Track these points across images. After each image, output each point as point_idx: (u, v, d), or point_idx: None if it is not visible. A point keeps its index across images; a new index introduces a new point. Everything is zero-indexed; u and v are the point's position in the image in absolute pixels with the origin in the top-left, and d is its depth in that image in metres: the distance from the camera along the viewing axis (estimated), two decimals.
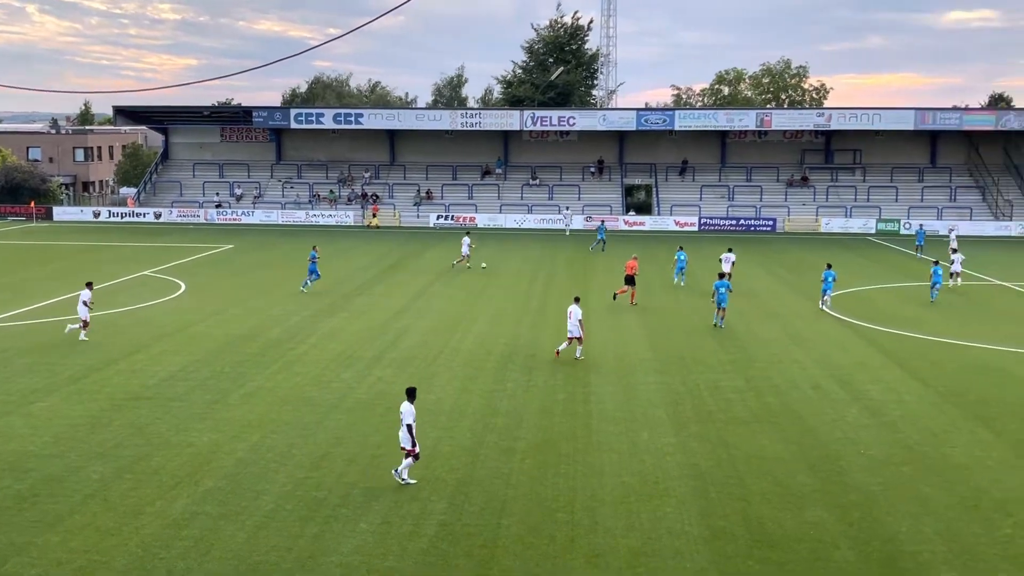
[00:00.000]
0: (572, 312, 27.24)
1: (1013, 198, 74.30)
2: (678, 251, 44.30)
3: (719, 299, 32.35)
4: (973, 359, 27.84)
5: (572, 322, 27.09)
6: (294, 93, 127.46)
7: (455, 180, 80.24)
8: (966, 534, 15.31)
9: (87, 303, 29.92)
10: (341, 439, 19.92)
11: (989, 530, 15.48)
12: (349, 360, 27.03)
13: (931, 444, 19.89)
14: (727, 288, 32.57)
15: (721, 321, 32.44)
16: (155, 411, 21.86)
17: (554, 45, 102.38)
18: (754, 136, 79.70)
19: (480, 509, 16.22)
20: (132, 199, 79.89)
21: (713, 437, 20.25)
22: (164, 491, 16.94)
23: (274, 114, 79.23)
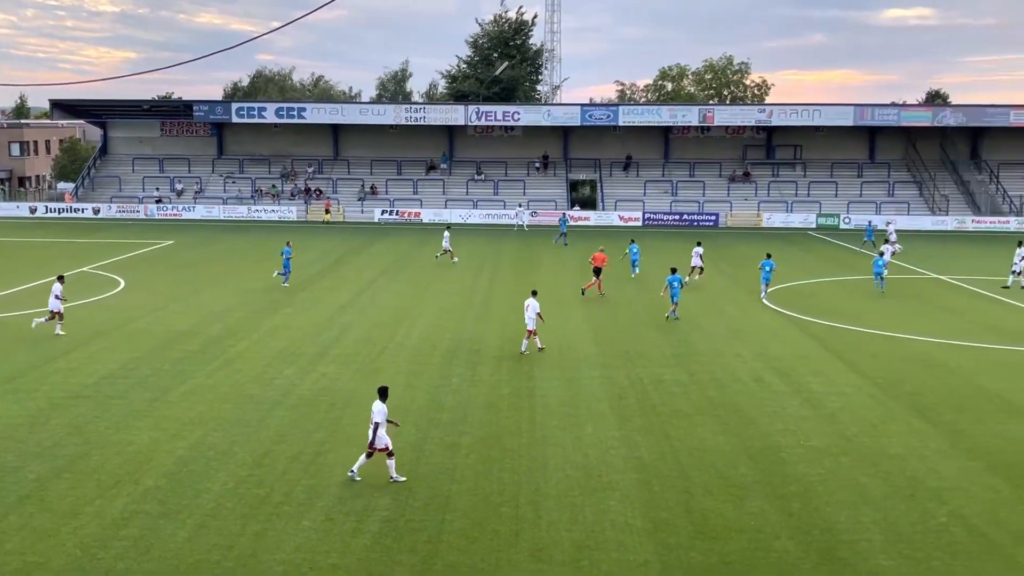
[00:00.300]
0: (529, 305, 27.41)
1: (949, 193, 75.82)
2: (631, 244, 44.59)
3: (672, 293, 32.63)
4: (909, 351, 28.37)
5: (529, 315, 27.24)
6: (236, 87, 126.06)
7: (400, 175, 79.92)
8: (902, 523, 15.60)
9: (59, 296, 29.69)
10: (284, 436, 19.75)
11: (924, 518, 15.79)
12: (292, 356, 26.81)
13: (869, 435, 20.24)
14: (680, 282, 32.86)
15: (674, 314, 32.79)
16: (94, 409, 21.51)
17: (499, 40, 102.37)
18: (697, 132, 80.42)
19: (424, 505, 16.19)
20: (70, 194, 78.39)
21: (656, 430, 20.42)
22: (103, 490, 16.67)
23: (215, 108, 78.22)
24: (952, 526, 15.50)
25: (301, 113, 77.22)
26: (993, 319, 33.79)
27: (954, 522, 15.65)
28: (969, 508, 16.21)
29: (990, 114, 74.88)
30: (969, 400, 22.96)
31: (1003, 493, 16.92)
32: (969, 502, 16.48)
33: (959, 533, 15.21)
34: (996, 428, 20.75)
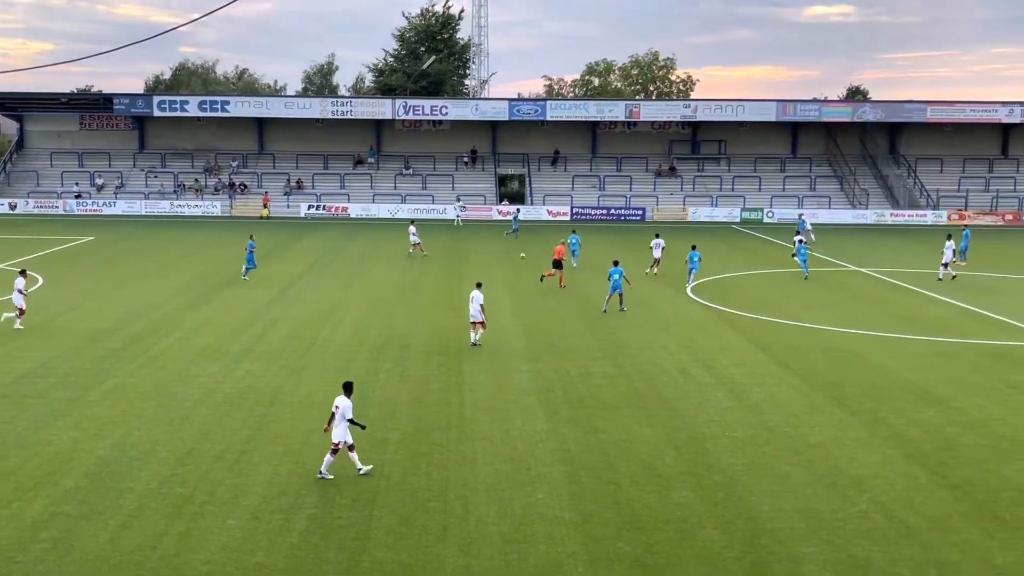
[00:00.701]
0: (474, 298, 27.50)
1: (869, 187, 77.55)
2: (571, 235, 45.43)
3: (613, 285, 33.02)
4: (830, 342, 28.96)
5: (474, 307, 27.36)
6: (157, 80, 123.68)
7: (326, 169, 79.23)
8: (824, 510, 15.92)
9: (22, 291, 29.42)
10: (208, 435, 19.46)
11: (845, 506, 16.13)
12: (216, 354, 26.43)
13: (791, 425, 20.61)
14: (621, 275, 33.23)
15: (618, 305, 33.33)
16: (11, 409, 20.96)
17: (426, 34, 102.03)
18: (623, 127, 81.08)
19: (351, 501, 16.09)
20: None
21: (584, 423, 20.55)
22: (21, 492, 16.26)
23: (136, 101, 76.76)
24: (871, 513, 15.86)
25: (225, 107, 76.16)
26: (910, 311, 34.65)
27: (873, 509, 16.02)
28: (888, 495, 16.61)
29: (908, 110, 76.79)
30: (887, 390, 23.51)
31: (920, 480, 17.36)
32: (888, 489, 16.88)
33: (878, 519, 15.57)
34: (913, 417, 21.28)
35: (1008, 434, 20.10)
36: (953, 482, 17.25)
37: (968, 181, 78.08)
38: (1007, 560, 14.12)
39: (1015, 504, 16.23)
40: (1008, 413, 21.62)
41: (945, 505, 16.18)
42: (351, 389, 17.50)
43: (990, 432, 20.23)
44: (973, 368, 25.90)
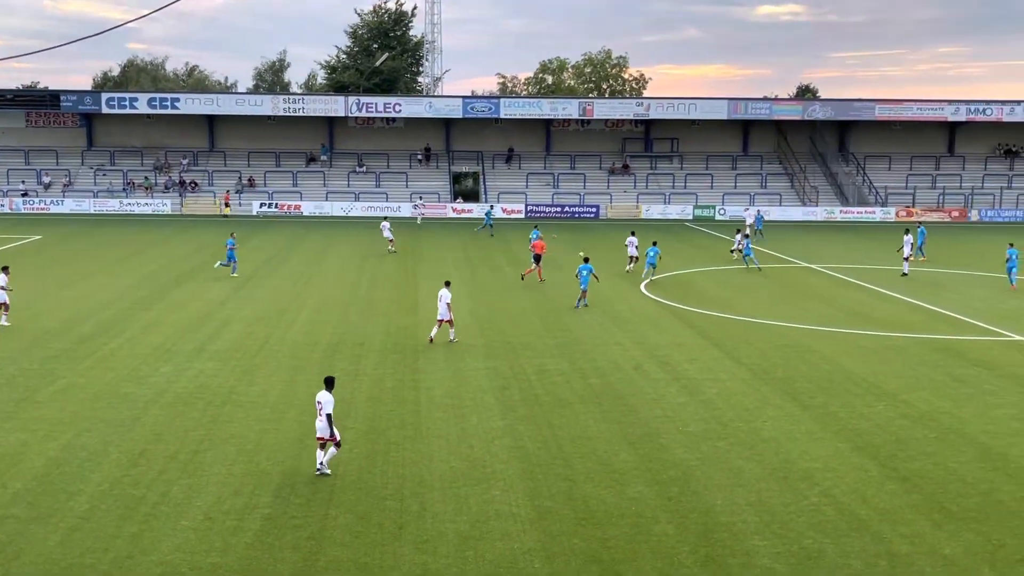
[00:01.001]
0: (442, 296, 27.47)
1: (818, 185, 78.55)
2: (534, 229, 45.89)
3: (582, 282, 33.42)
4: (781, 338, 29.29)
5: (441, 306, 27.35)
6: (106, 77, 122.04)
7: (278, 167, 78.65)
8: (776, 504, 16.11)
9: (4, 287, 29.40)
10: (160, 435, 19.24)
11: (797, 499, 16.33)
12: (168, 354, 26.13)
13: (744, 419, 20.82)
14: (589, 271, 33.58)
15: (580, 303, 33.60)
16: None
17: (378, 31, 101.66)
18: (577, 125, 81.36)
19: (307, 501, 15.99)
20: None
21: (540, 419, 20.60)
22: None
23: (84, 98, 75.62)
24: (823, 505, 16.07)
25: (175, 104, 75.28)
26: (860, 306, 35.15)
27: (825, 501, 16.24)
28: (838, 488, 16.84)
29: (857, 108, 77.89)
30: (838, 384, 23.84)
31: (870, 472, 17.62)
32: (839, 482, 17.12)
33: (829, 512, 15.78)
34: (863, 410, 21.59)
35: (955, 427, 20.47)
36: (903, 474, 17.54)
37: (915, 178, 79.36)
38: (955, 550, 14.38)
39: (962, 495, 16.54)
40: (955, 406, 22.02)
41: (895, 497, 16.44)
42: (332, 384, 17.47)
43: (938, 425, 20.59)
44: (921, 362, 26.33)
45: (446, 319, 27.56)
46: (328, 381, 17.52)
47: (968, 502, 16.25)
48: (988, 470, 17.81)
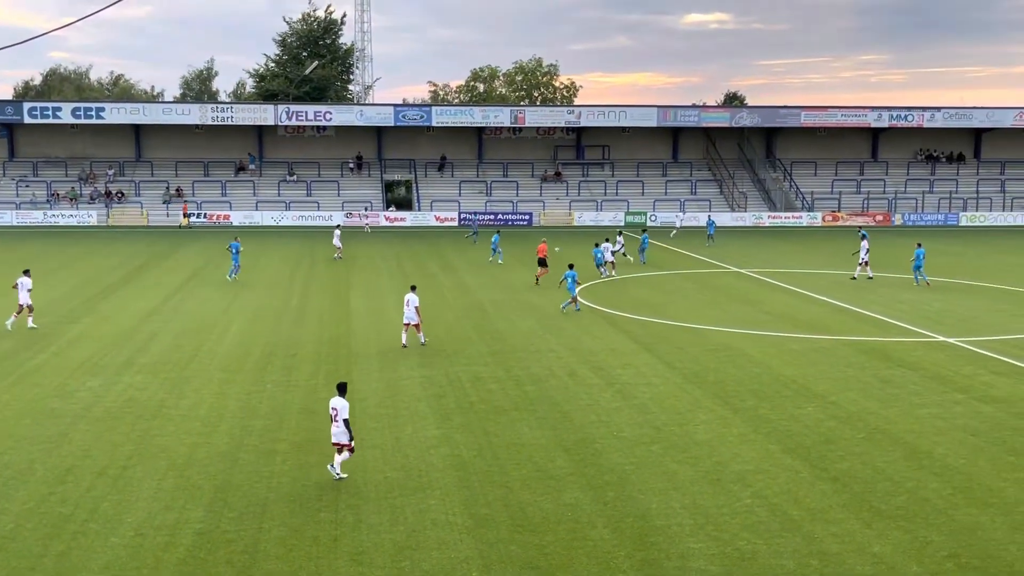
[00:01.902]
0: (409, 300, 27.93)
1: (747, 191, 79.76)
2: (495, 235, 48.97)
3: (569, 288, 34.02)
4: (712, 342, 29.65)
5: (410, 310, 27.83)
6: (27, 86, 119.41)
7: (207, 177, 77.62)
8: (710, 506, 16.29)
9: (30, 289, 30.69)
10: (88, 451, 18.83)
11: (730, 501, 16.53)
12: (95, 368, 25.60)
13: (677, 423, 21.03)
14: (574, 278, 34.09)
15: (567, 306, 34.27)
16: None
17: (308, 39, 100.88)
18: (509, 133, 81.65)
19: (239, 515, 15.77)
20: None
21: (475, 427, 20.58)
22: None
23: (5, 108, 73.90)
24: (756, 507, 16.29)
25: (100, 113, 73.87)
26: (788, 309, 35.74)
27: (757, 503, 16.46)
28: (770, 489, 17.08)
29: (783, 115, 79.28)
30: (768, 387, 24.20)
31: (801, 473, 17.91)
32: (770, 483, 17.37)
33: (762, 513, 16.00)
34: (793, 412, 21.95)
35: (882, 427, 20.90)
36: (832, 475, 17.85)
37: (841, 183, 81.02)
38: (884, 548, 14.67)
39: (890, 494, 16.89)
40: (881, 406, 22.49)
41: (825, 497, 16.72)
42: (345, 390, 17.77)
43: (866, 425, 21.00)
44: (848, 364, 26.85)
45: (414, 323, 27.96)
46: (341, 387, 17.81)
47: (896, 500, 16.59)
48: (914, 468, 18.22)
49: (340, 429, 17.31)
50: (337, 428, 17.36)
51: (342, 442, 17.36)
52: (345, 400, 17.51)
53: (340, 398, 17.51)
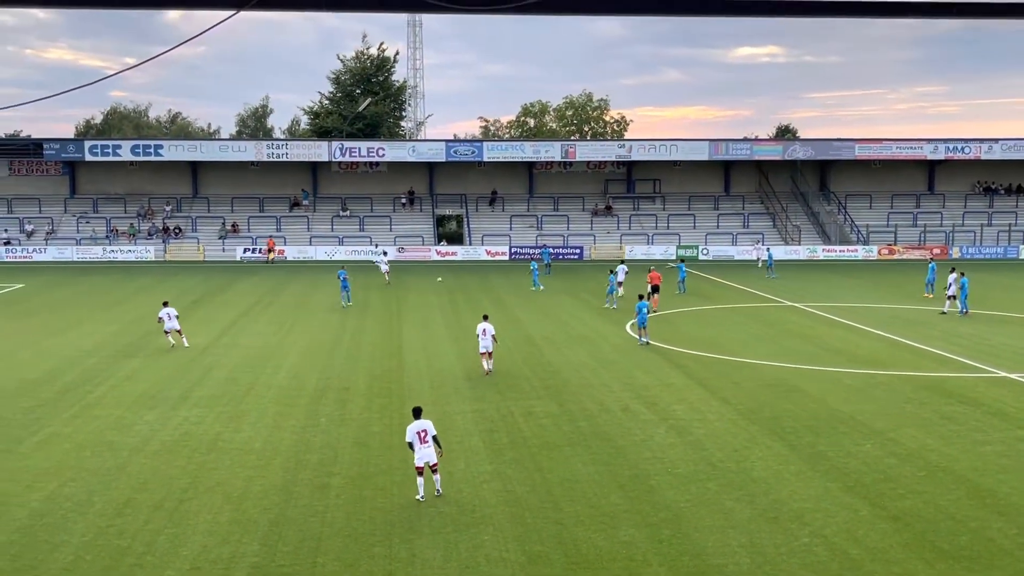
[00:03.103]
0: (486, 330, 29.11)
1: (800, 224, 79.05)
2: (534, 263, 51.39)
3: (641, 319, 34.25)
4: (767, 377, 29.30)
5: (487, 339, 29.00)
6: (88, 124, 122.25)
7: (262, 212, 78.71)
8: (767, 545, 16.03)
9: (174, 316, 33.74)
10: (145, 484, 19.04)
11: (788, 540, 16.26)
12: (152, 401, 25.94)
13: (733, 460, 20.77)
14: (647, 308, 34.56)
15: (644, 339, 34.43)
16: None
17: (361, 76, 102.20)
18: (560, 167, 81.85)
19: (294, 549, 15.83)
20: None
21: (528, 463, 20.49)
22: None
23: (67, 146, 75.62)
24: (814, 546, 16.00)
25: (158, 151, 75.34)
26: (844, 344, 35.23)
27: (816, 542, 16.17)
28: (829, 528, 16.78)
29: (836, 148, 78.62)
30: (825, 423, 23.83)
31: (861, 512, 17.58)
32: (829, 522, 17.06)
33: (821, 552, 15.72)
34: (851, 449, 21.58)
35: (943, 464, 20.47)
36: (893, 513, 17.50)
37: (896, 216, 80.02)
38: None
39: (953, 534, 16.51)
40: (943, 443, 22.04)
41: (886, 536, 16.39)
42: (421, 412, 18.71)
43: (926, 463, 20.59)
44: (907, 400, 26.37)
45: (490, 351, 29.12)
46: (417, 410, 18.68)
47: (959, 540, 16.21)
48: (978, 507, 17.80)
49: (432, 449, 17.98)
50: (428, 449, 17.96)
51: (435, 462, 17.98)
52: (422, 422, 18.21)
53: (424, 420, 18.27)
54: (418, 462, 18.02)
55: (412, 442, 18.02)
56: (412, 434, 18.03)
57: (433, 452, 18.06)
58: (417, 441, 17.96)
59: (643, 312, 34.41)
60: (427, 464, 18.03)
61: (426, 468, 18.04)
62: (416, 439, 17.97)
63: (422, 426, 18.13)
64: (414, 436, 18.00)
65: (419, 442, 17.95)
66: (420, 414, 18.55)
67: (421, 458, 17.98)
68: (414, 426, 18.14)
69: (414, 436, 18.00)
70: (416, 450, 17.99)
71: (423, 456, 17.98)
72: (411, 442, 18.03)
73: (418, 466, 18.03)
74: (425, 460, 17.99)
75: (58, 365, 30.78)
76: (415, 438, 17.98)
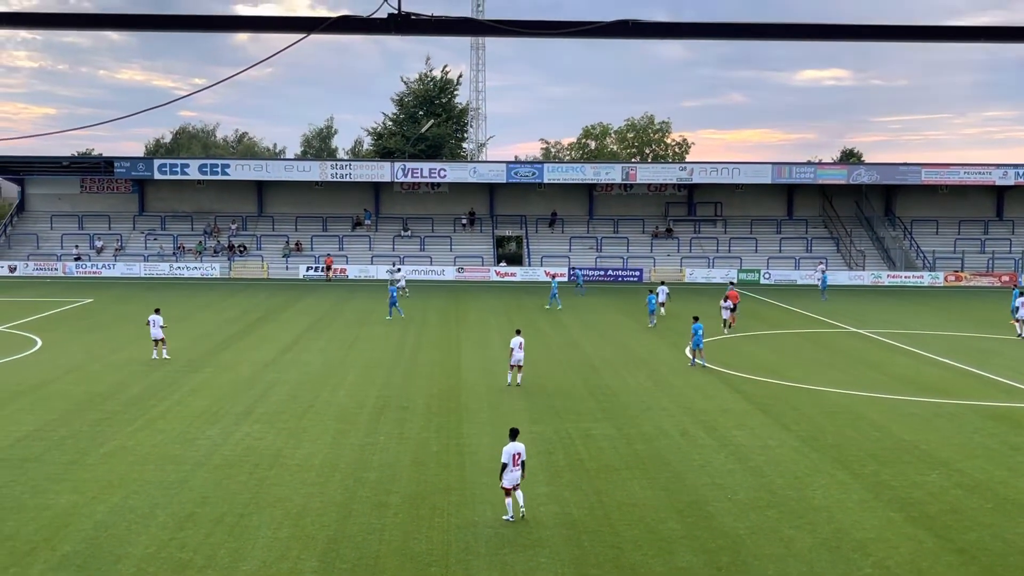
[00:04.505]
0: (520, 343, 30.48)
1: (865, 249, 77.93)
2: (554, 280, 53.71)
3: (696, 341, 34.42)
4: (830, 404, 28.88)
5: (520, 352, 30.37)
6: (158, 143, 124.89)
7: (325, 231, 79.65)
8: (828, 574, 15.77)
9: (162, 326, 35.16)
10: (207, 498, 19.32)
11: (850, 570, 15.98)
12: (215, 416, 26.32)
13: (794, 487, 20.49)
14: (701, 330, 34.56)
15: (700, 360, 34.66)
16: (9, 473, 20.81)
17: (424, 98, 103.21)
18: (620, 189, 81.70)
19: (352, 566, 15.93)
20: None
21: (585, 486, 20.42)
22: (18, 557, 16.08)
23: (137, 164, 77.34)
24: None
25: (225, 170, 76.68)
26: (909, 371, 34.62)
27: (879, 573, 15.88)
28: (892, 559, 16.47)
29: (902, 172, 77.46)
30: (889, 452, 23.42)
31: (925, 544, 17.23)
32: (892, 553, 16.75)
33: None
34: (916, 479, 21.17)
35: (1012, 496, 19.99)
36: (959, 546, 17.13)
37: (964, 243, 78.55)
38: None
39: (1021, 568, 16.10)
40: (1011, 475, 21.52)
41: (952, 570, 16.04)
42: (515, 435, 18.67)
43: (994, 495, 20.12)
44: (974, 430, 25.82)
45: (520, 364, 30.46)
46: (514, 432, 18.71)
47: None
48: None
49: (520, 472, 18.09)
50: (518, 471, 18.05)
51: (517, 483, 18.07)
52: (515, 444, 18.26)
53: (518, 442, 18.34)
54: (508, 484, 18.02)
55: (507, 463, 18.00)
56: (508, 455, 18.02)
57: (519, 475, 18.13)
58: (511, 463, 17.99)
59: (698, 334, 34.23)
60: (515, 486, 18.09)
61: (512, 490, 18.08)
62: (511, 461, 18.00)
63: (517, 448, 18.17)
64: (509, 458, 18.00)
65: (512, 464, 17.99)
66: (516, 436, 18.55)
67: (512, 480, 18.02)
68: (510, 448, 18.14)
69: (509, 458, 18.00)
70: (508, 471, 17.99)
71: (514, 478, 18.03)
72: (505, 463, 18.02)
73: (507, 487, 18.03)
74: (514, 482, 18.05)
75: (124, 378, 31.39)
76: (510, 460, 18.00)
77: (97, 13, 11.49)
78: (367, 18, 10.71)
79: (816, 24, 11.13)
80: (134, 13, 11.14)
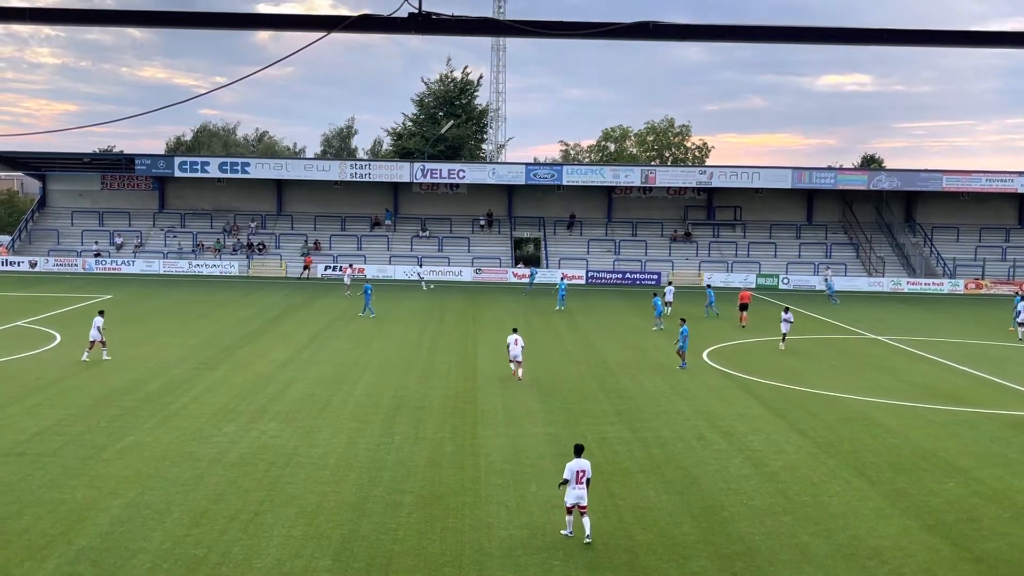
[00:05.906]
0: (518, 340, 31.55)
1: (885, 255, 77.53)
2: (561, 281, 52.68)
3: (682, 344, 34.55)
4: (847, 410, 28.73)
5: (517, 348, 31.37)
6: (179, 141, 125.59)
7: (344, 231, 79.84)
8: None
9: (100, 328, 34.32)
10: (222, 495, 19.37)
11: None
12: (231, 414, 26.40)
13: (810, 494, 20.38)
14: (687, 332, 34.74)
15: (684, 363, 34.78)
16: (26, 467, 20.93)
17: (444, 99, 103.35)
18: (639, 192, 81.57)
19: (366, 565, 15.94)
20: (5, 247, 77.07)
21: (600, 489, 20.33)
22: (34, 551, 16.17)
23: (158, 162, 77.71)
24: None
25: (245, 168, 76.97)
26: (927, 379, 34.41)
27: None
28: (909, 567, 16.35)
29: (923, 179, 76.99)
30: (906, 459, 23.27)
31: (942, 552, 17.11)
32: (908, 561, 16.63)
33: None
34: (933, 487, 21.03)
35: None
36: (976, 555, 16.99)
37: (985, 250, 78.04)
38: None
39: None
40: None
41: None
42: (580, 451, 17.84)
43: (1012, 504, 19.96)
44: (993, 438, 25.63)
45: (520, 359, 31.37)
46: (579, 448, 17.87)
47: None
48: None
49: (585, 491, 17.23)
50: (583, 489, 17.21)
51: (584, 503, 17.24)
52: (578, 460, 17.44)
53: (583, 459, 17.53)
54: (570, 502, 17.26)
55: (569, 480, 17.27)
56: (571, 472, 17.26)
57: (585, 494, 17.30)
58: (574, 480, 17.24)
59: (685, 336, 34.38)
60: (577, 505, 17.26)
61: (575, 509, 17.31)
62: (574, 478, 17.25)
63: (582, 465, 17.38)
64: (572, 475, 17.26)
65: (575, 481, 17.24)
66: (581, 452, 17.74)
67: (575, 498, 17.21)
68: (574, 464, 17.35)
69: (572, 475, 17.26)
70: (571, 489, 17.25)
71: (577, 496, 17.21)
72: (567, 479, 17.28)
73: (568, 506, 17.32)
74: (576, 501, 17.22)
75: (142, 375, 31.53)
76: (573, 476, 17.27)
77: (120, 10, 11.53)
78: (388, 17, 10.71)
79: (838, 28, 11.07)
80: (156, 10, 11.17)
